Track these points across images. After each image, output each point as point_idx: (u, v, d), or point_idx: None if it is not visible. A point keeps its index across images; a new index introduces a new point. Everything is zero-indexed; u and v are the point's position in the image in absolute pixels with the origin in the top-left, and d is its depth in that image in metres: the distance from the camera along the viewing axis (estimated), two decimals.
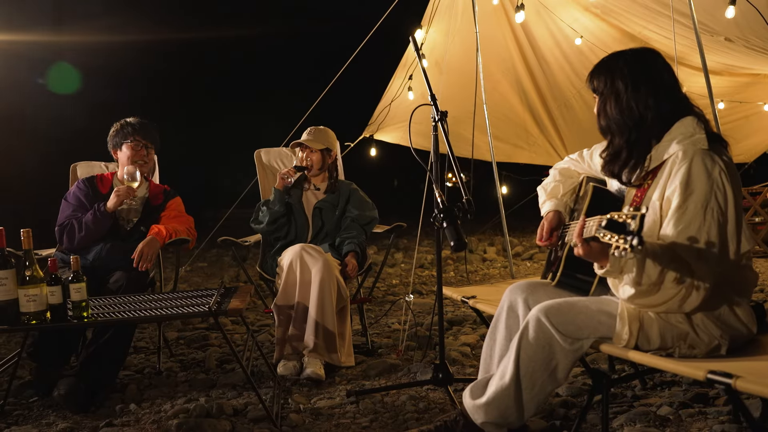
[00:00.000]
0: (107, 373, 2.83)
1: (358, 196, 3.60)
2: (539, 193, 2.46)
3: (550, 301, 2.00)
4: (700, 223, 1.77)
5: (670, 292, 1.75)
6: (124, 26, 12.33)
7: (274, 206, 3.45)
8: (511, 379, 1.98)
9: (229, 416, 2.54)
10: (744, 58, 5.70)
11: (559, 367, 1.95)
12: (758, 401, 2.26)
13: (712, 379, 1.62)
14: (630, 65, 1.98)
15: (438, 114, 2.52)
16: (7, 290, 2.34)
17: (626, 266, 1.75)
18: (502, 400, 2.00)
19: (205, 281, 6.40)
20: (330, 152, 3.60)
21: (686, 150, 1.85)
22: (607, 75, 2.01)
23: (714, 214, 1.77)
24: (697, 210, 1.77)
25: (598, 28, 5.95)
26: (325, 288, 3.05)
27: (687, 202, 1.79)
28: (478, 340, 3.57)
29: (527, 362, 1.96)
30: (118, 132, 3.35)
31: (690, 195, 1.79)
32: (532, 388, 1.97)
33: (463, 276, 6.26)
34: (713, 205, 1.78)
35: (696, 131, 1.89)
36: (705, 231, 1.77)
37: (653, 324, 1.86)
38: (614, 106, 1.97)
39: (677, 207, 1.80)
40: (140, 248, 3.06)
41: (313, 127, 3.63)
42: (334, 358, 3.06)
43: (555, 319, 1.93)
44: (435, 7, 5.71)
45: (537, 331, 1.95)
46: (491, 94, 6.07)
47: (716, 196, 1.78)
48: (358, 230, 3.48)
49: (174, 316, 2.49)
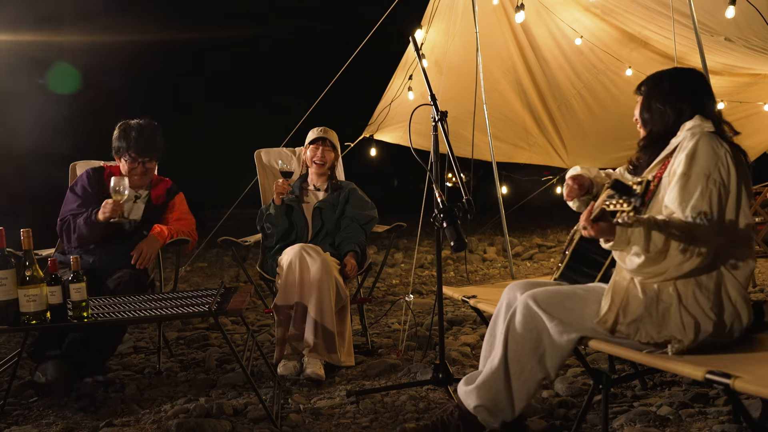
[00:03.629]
0: (93, 359, 2.84)
1: (357, 196, 3.58)
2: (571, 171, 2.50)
3: (539, 289, 2.05)
4: (702, 189, 1.85)
5: (676, 259, 1.80)
6: (124, 26, 12.34)
7: (277, 222, 3.44)
8: (500, 362, 2.03)
9: (229, 416, 2.54)
10: (744, 59, 5.70)
11: (547, 354, 1.99)
12: (758, 401, 2.26)
13: (710, 379, 1.62)
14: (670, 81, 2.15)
15: (438, 114, 2.53)
16: (7, 290, 2.34)
17: (633, 237, 1.80)
18: (492, 383, 2.05)
19: (205, 281, 6.40)
20: (337, 152, 3.67)
21: (694, 132, 1.97)
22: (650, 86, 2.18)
23: (716, 184, 1.86)
24: (699, 177, 1.86)
25: (598, 28, 5.95)
26: (324, 288, 3.05)
27: (690, 170, 1.87)
28: (478, 340, 3.57)
29: (515, 346, 2.01)
30: (117, 139, 3.24)
31: (694, 164, 1.88)
32: (521, 373, 2.01)
33: (463, 276, 6.26)
34: (716, 176, 1.86)
35: (704, 122, 2.01)
36: (706, 197, 1.84)
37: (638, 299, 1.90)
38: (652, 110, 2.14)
39: (681, 174, 1.88)
40: (140, 246, 3.06)
41: (321, 128, 3.64)
42: (333, 357, 3.06)
43: (543, 303, 1.99)
44: (435, 7, 5.71)
45: (525, 315, 2.00)
46: (491, 94, 6.07)
47: (720, 169, 1.87)
48: (358, 230, 3.47)
49: (174, 316, 2.49)
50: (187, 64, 15.82)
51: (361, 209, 3.53)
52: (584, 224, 1.84)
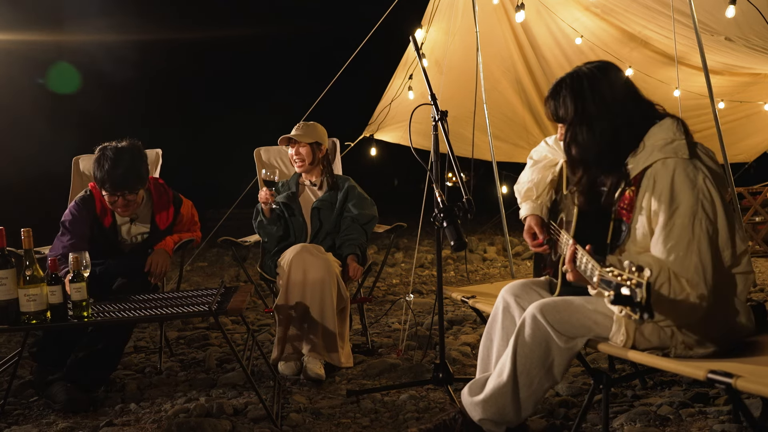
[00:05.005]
0: (98, 375, 2.81)
1: (356, 193, 3.52)
2: (516, 192, 2.42)
3: (546, 299, 2.01)
4: (689, 238, 1.72)
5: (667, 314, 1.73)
6: (124, 26, 12.34)
7: (271, 231, 3.40)
8: (508, 377, 1.98)
9: (230, 416, 2.54)
10: (744, 58, 5.70)
11: (555, 363, 1.96)
12: (758, 401, 2.26)
13: (712, 379, 1.62)
14: (595, 84, 1.88)
15: (438, 113, 2.52)
16: (8, 290, 2.34)
17: None
18: (499, 398, 2.01)
19: (205, 281, 6.40)
20: (320, 146, 3.53)
21: (666, 160, 1.79)
22: (575, 100, 1.90)
23: (703, 226, 1.73)
24: (685, 225, 1.73)
25: (599, 28, 5.95)
26: (326, 288, 3.05)
27: (673, 218, 1.74)
28: (478, 340, 3.56)
29: (524, 360, 1.97)
30: (95, 168, 2.97)
31: (676, 210, 1.75)
32: (529, 386, 1.98)
33: (463, 275, 6.26)
34: (701, 216, 1.73)
35: (676, 136, 1.82)
36: (695, 245, 1.72)
37: (649, 327, 1.85)
38: (588, 133, 1.88)
39: (664, 224, 1.76)
40: (152, 261, 3.00)
41: (302, 122, 3.59)
42: (334, 357, 3.06)
43: (551, 317, 1.94)
44: (435, 7, 5.71)
45: (533, 328, 1.96)
46: (491, 94, 6.07)
47: (703, 206, 1.74)
48: (359, 231, 3.43)
49: (174, 315, 2.49)
50: (187, 63, 15.82)
51: (361, 208, 3.46)
52: (567, 267, 1.78)
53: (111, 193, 2.94)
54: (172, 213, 3.21)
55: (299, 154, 3.49)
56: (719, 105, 6.65)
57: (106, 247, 3.08)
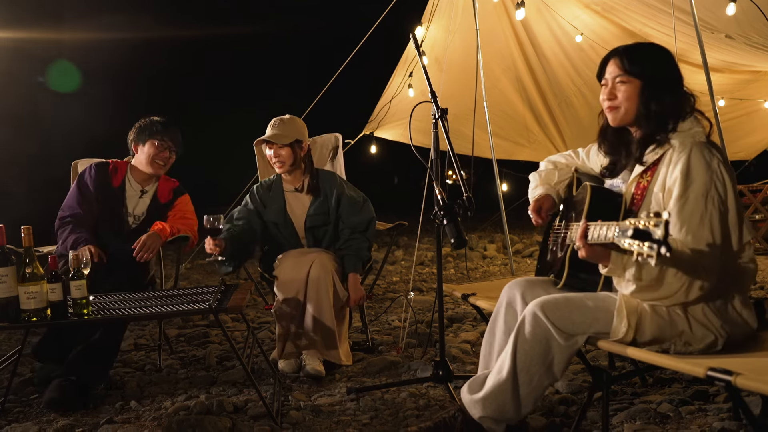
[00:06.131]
0: (96, 372, 2.81)
1: (346, 198, 3.27)
2: (531, 180, 2.45)
3: (546, 296, 2.01)
4: (702, 212, 1.78)
5: (674, 286, 1.76)
6: (124, 24, 12.33)
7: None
8: (508, 374, 1.99)
9: (230, 413, 2.54)
10: (744, 56, 5.69)
11: (555, 361, 1.96)
12: (758, 398, 2.26)
13: (712, 377, 1.62)
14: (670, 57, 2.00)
15: (438, 111, 2.52)
16: (8, 287, 2.34)
17: (628, 263, 1.76)
18: (499, 395, 2.01)
19: (206, 278, 6.40)
20: (300, 144, 3.24)
21: (684, 141, 1.88)
22: (656, 60, 1.99)
23: (715, 203, 1.79)
24: (698, 199, 1.79)
25: (599, 25, 5.94)
26: (321, 285, 3.04)
27: (687, 192, 1.81)
28: (478, 338, 3.57)
29: (524, 357, 1.97)
30: (144, 127, 3.25)
31: (690, 185, 1.81)
32: (529, 383, 1.98)
33: (463, 273, 6.26)
34: (714, 194, 1.79)
35: (693, 125, 1.92)
36: (707, 220, 1.78)
37: (649, 318, 1.87)
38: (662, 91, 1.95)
39: (678, 197, 1.82)
40: (143, 239, 3.02)
41: (278, 118, 3.29)
42: (333, 354, 3.06)
43: (551, 315, 1.94)
44: (435, 5, 5.71)
45: (534, 326, 1.95)
46: (491, 92, 6.07)
47: (716, 185, 1.80)
48: (360, 241, 3.22)
49: (174, 313, 2.49)
50: (187, 62, 15.81)
51: (356, 215, 3.25)
52: (579, 244, 1.80)
53: (162, 144, 3.23)
54: (172, 193, 3.36)
55: (279, 156, 3.21)
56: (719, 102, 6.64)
57: (109, 215, 3.18)
